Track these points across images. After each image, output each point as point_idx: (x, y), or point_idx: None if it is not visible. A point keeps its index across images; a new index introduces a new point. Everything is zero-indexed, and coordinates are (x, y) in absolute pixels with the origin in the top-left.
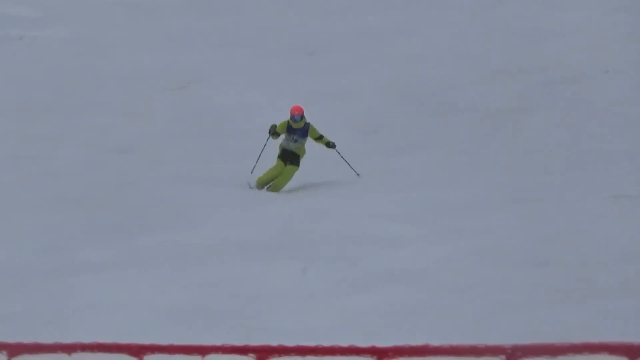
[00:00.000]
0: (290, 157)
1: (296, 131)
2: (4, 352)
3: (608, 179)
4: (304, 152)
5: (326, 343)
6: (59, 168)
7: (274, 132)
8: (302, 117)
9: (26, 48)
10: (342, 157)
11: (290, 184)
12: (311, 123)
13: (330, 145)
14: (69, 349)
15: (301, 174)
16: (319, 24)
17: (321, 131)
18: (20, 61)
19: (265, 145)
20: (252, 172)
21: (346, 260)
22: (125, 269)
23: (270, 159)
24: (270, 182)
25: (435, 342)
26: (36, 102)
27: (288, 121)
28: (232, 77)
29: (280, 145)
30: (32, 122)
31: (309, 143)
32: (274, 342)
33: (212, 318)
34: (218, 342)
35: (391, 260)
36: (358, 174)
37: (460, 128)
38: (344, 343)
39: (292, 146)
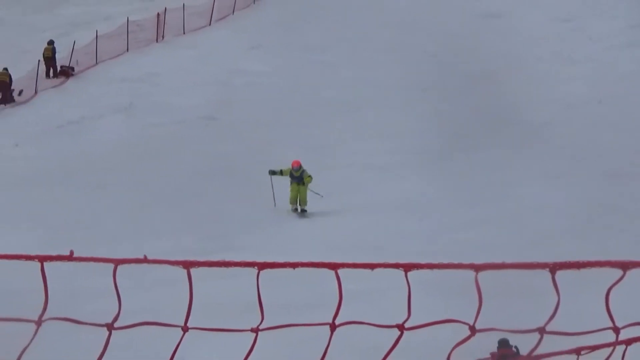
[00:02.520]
0: (299, 183)
1: (296, 177)
2: (256, 267)
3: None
4: (308, 177)
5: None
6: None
7: (273, 173)
8: (300, 167)
9: (259, 88)
10: (312, 190)
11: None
12: (305, 169)
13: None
14: (293, 265)
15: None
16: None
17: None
18: (255, 97)
19: (272, 185)
20: (275, 206)
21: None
22: (316, 219)
23: (284, 189)
24: (296, 204)
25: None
26: (263, 120)
27: (290, 170)
28: (374, 104)
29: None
30: (259, 132)
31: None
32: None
33: (359, 246)
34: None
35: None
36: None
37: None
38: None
39: (297, 180)
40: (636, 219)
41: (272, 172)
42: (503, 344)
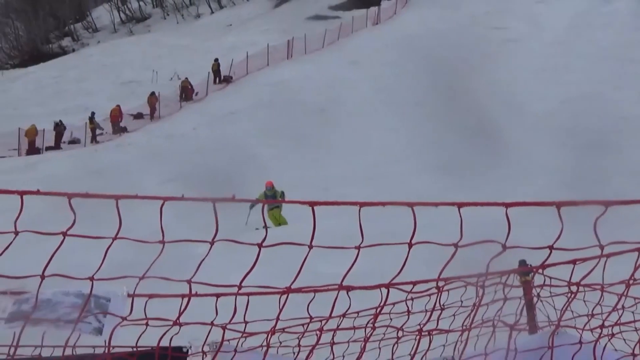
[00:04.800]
0: (274, 207)
1: (270, 197)
2: (358, 206)
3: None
4: (280, 209)
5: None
6: None
7: (252, 206)
8: (272, 187)
9: (355, 90)
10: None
11: None
12: (277, 190)
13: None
14: (383, 204)
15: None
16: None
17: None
18: (352, 95)
19: (249, 214)
20: (246, 224)
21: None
22: (386, 180)
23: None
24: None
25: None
26: (356, 110)
27: (264, 192)
28: (423, 103)
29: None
30: (354, 118)
31: None
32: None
33: (425, 194)
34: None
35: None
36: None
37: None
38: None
39: (272, 204)
40: (606, 178)
41: (252, 206)
42: (522, 263)
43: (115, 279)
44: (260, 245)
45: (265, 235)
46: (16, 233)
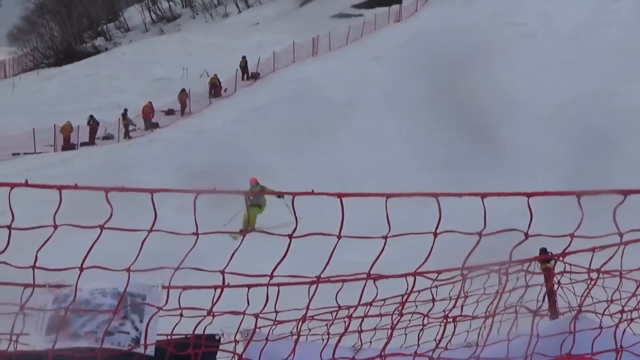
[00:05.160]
0: (254, 206)
1: (254, 196)
2: (385, 197)
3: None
4: (265, 202)
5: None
6: None
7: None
8: (257, 184)
9: (377, 84)
10: (287, 204)
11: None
12: (263, 185)
13: (279, 196)
14: (409, 194)
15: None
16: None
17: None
18: (374, 90)
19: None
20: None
21: None
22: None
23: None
24: (247, 226)
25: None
26: (376, 104)
27: (250, 188)
28: (436, 99)
29: (248, 203)
30: (374, 111)
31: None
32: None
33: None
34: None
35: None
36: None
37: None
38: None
39: (255, 202)
40: (612, 172)
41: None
42: (543, 251)
43: (151, 270)
44: (290, 237)
45: (296, 227)
46: (55, 226)
